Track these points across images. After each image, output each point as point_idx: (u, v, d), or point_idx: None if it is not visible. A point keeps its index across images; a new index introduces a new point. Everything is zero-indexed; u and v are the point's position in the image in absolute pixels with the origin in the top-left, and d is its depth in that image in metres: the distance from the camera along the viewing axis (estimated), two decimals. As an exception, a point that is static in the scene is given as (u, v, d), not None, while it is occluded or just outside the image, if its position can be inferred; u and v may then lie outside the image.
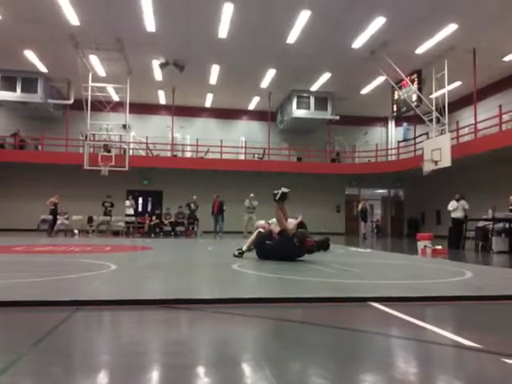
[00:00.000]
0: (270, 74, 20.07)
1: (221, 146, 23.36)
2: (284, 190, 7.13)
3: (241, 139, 24.95)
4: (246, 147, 24.47)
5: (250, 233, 17.26)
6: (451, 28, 15.11)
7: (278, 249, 6.81)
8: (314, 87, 21.99)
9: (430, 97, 17.38)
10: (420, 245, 10.05)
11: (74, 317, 2.97)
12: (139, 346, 2.44)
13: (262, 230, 7.31)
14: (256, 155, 24.52)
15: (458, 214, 13.16)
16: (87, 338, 2.62)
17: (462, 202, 13.23)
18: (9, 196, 21.88)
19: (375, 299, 3.59)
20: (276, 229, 7.16)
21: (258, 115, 25.50)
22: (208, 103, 24.62)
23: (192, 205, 19.56)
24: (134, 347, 2.38)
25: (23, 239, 13.32)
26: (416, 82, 18.45)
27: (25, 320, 2.96)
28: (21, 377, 1.86)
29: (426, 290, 4.20)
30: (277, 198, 7.12)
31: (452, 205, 13.45)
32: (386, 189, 27.28)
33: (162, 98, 23.82)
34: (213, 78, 20.59)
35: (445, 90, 16.57)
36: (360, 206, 20.67)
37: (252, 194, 18.22)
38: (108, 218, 18.95)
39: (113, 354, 2.31)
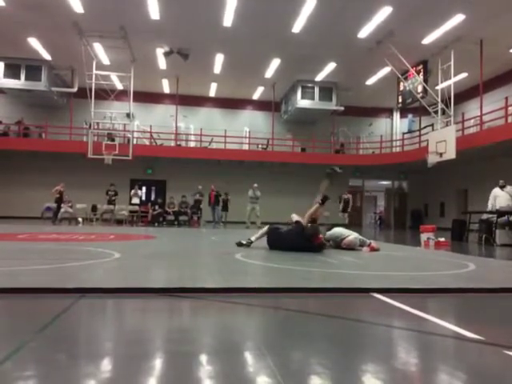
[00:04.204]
0: (275, 63, 19.95)
1: (225, 136, 23.32)
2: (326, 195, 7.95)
3: (245, 129, 24.88)
4: (249, 137, 24.42)
5: (253, 223, 17.40)
6: (458, 18, 14.96)
7: (288, 236, 6.95)
8: (319, 77, 21.86)
9: (436, 88, 17.25)
10: (423, 237, 10.03)
11: (78, 304, 2.99)
12: (142, 333, 2.45)
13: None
14: (260, 145, 24.48)
15: (504, 203, 11.37)
16: (91, 326, 2.64)
17: (509, 189, 11.65)
18: (13, 184, 21.97)
19: (377, 290, 3.60)
20: (295, 218, 7.35)
21: (262, 105, 25.40)
22: (212, 92, 24.53)
23: (198, 195, 19.62)
24: (138, 334, 2.40)
25: (27, 227, 13.39)
26: (422, 73, 18.32)
27: (29, 307, 2.98)
28: (25, 363, 1.87)
29: (428, 281, 4.20)
30: (323, 200, 7.94)
31: (497, 193, 11.73)
32: (390, 180, 27.20)
33: (165, 86, 23.74)
34: (217, 67, 20.49)
35: (451, 82, 16.43)
36: (344, 197, 19.84)
37: (255, 184, 18.21)
38: (112, 206, 19.00)
39: (116, 341, 2.33)
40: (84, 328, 2.60)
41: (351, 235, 7.79)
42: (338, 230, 8.05)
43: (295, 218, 7.30)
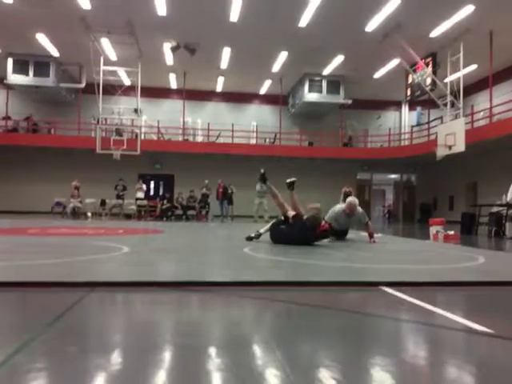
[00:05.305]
0: (282, 57, 19.88)
1: (232, 130, 23.31)
2: (292, 179, 7.66)
3: (252, 123, 24.84)
4: (257, 131, 24.39)
5: (261, 217, 17.40)
6: (468, 10, 14.79)
7: (291, 232, 6.86)
8: (327, 71, 21.75)
9: (445, 80, 17.09)
10: (432, 230, 9.98)
11: (88, 298, 3.02)
12: (151, 326, 2.47)
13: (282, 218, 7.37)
14: (267, 139, 24.43)
15: None
16: (101, 319, 2.67)
17: None
18: (23, 179, 22.17)
19: (386, 284, 3.59)
20: (291, 213, 7.20)
21: (270, 99, 25.34)
22: (219, 87, 24.52)
23: (204, 189, 19.66)
24: (147, 327, 2.42)
25: (37, 221, 13.52)
26: (431, 66, 18.16)
27: (40, 300, 3.02)
28: (37, 355, 1.90)
29: (437, 274, 4.19)
30: (289, 186, 7.62)
31: None
32: (399, 174, 27.06)
33: (173, 81, 23.76)
34: (224, 62, 20.47)
35: (460, 74, 16.26)
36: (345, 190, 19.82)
37: (262, 170, 18.16)
38: (120, 201, 19.12)
39: (126, 334, 2.35)
40: (94, 321, 2.62)
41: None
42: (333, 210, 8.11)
43: (291, 213, 7.21)
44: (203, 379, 1.67)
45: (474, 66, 19.35)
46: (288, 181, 7.64)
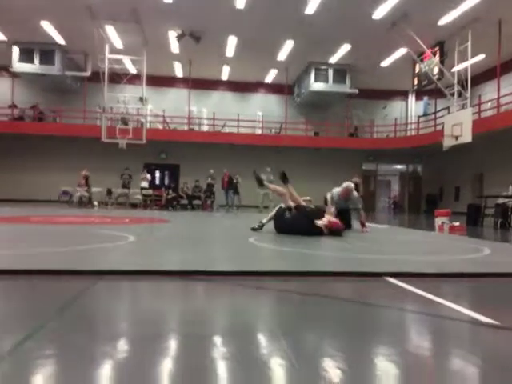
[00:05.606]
0: (288, 45, 19.72)
1: (237, 120, 23.25)
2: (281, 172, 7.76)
3: (258, 113, 24.76)
4: (262, 121, 24.31)
5: (266, 207, 17.41)
6: (477, -2, 14.58)
7: (294, 223, 6.87)
8: (333, 59, 21.58)
9: (452, 70, 16.91)
10: (437, 221, 9.95)
11: (96, 286, 3.05)
12: (158, 315, 2.50)
13: (283, 206, 7.33)
14: (273, 129, 24.36)
15: None
16: (109, 307, 2.70)
17: None
18: (28, 168, 22.26)
19: (391, 274, 3.60)
20: (293, 204, 7.21)
21: (275, 88, 25.21)
22: (225, 76, 24.40)
23: (209, 178, 19.70)
24: (153, 316, 2.45)
25: (44, 210, 13.60)
26: (438, 55, 17.96)
27: (48, 288, 3.05)
28: (46, 342, 1.93)
29: (442, 266, 4.19)
30: (283, 179, 7.71)
31: None
32: (405, 164, 26.92)
33: (178, 70, 23.67)
34: (229, 50, 20.35)
35: (468, 63, 16.07)
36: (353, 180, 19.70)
37: (268, 169, 18.15)
38: (126, 190, 19.20)
39: (133, 322, 2.38)
40: (102, 309, 2.65)
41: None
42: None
43: (291, 204, 7.19)
44: (208, 367, 1.69)
45: (481, 56, 19.13)
46: (280, 175, 7.74)
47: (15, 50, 20.65)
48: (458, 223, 9.72)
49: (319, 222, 6.90)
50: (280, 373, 1.68)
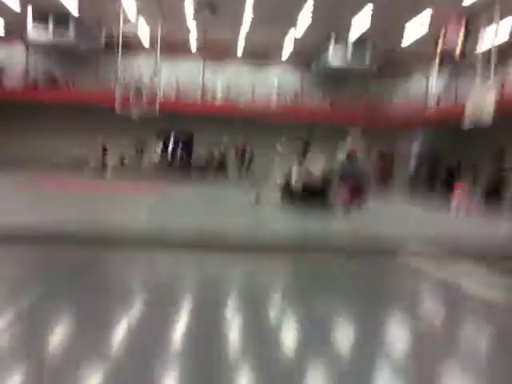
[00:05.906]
0: (307, 10, 18.18)
1: (252, 92, 22.93)
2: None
3: (273, 85, 24.34)
4: (278, 94, 23.94)
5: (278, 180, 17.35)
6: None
7: (305, 195, 6.96)
8: (353, 35, 20.78)
9: (477, 47, 16.26)
10: (455, 199, 9.78)
11: (106, 253, 3.10)
12: (172, 281, 2.59)
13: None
14: (289, 100, 24.00)
15: None
16: (122, 274, 2.77)
17: None
18: (41, 134, 22.30)
19: (406, 253, 3.59)
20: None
21: (292, 61, 24.63)
22: (240, 47, 23.87)
23: (223, 148, 19.78)
24: (167, 283, 2.58)
25: (58, 176, 13.73)
26: (463, 32, 17.24)
27: (60, 254, 3.08)
28: (64, 304, 2.04)
29: (457, 245, 4.15)
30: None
31: None
32: (424, 141, 26.37)
33: (192, 41, 23.23)
34: (245, 21, 19.77)
35: (493, 41, 15.41)
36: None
37: (284, 138, 18.01)
38: (140, 160, 19.40)
39: (149, 289, 2.47)
40: (115, 275, 2.70)
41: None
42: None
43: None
44: (221, 332, 1.84)
45: (508, 33, 18.28)
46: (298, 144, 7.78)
47: (29, 18, 20.38)
48: (476, 201, 9.52)
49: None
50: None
